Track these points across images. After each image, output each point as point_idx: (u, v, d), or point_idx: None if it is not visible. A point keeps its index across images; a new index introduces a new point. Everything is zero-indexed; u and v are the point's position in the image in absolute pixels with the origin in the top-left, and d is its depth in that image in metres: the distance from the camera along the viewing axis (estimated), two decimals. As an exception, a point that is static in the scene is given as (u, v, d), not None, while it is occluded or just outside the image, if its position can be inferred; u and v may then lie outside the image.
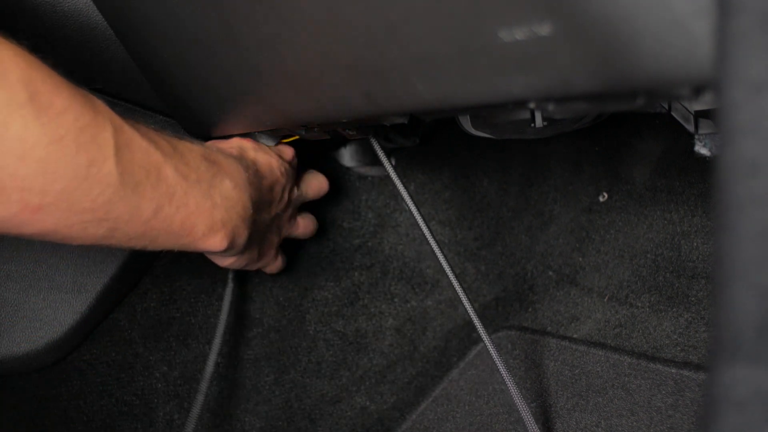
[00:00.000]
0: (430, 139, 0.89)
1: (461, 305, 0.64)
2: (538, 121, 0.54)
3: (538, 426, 0.71)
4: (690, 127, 0.53)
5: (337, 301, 0.89)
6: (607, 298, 0.79)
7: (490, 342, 0.63)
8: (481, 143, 0.83)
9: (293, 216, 0.75)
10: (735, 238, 0.26)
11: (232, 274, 0.76)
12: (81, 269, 0.75)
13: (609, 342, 0.74)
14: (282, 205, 0.70)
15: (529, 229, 0.88)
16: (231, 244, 0.59)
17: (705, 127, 0.52)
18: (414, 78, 0.46)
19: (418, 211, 0.65)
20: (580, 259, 0.83)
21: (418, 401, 0.83)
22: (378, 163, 0.67)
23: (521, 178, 0.89)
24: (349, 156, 0.86)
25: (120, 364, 0.80)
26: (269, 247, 0.72)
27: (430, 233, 0.65)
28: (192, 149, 0.57)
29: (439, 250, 0.65)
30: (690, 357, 0.68)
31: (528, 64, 0.39)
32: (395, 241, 0.91)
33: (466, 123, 0.66)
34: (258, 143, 0.68)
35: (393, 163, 0.82)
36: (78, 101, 0.46)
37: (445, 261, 0.65)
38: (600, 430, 0.68)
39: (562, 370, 0.73)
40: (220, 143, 0.67)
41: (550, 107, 0.41)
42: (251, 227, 0.62)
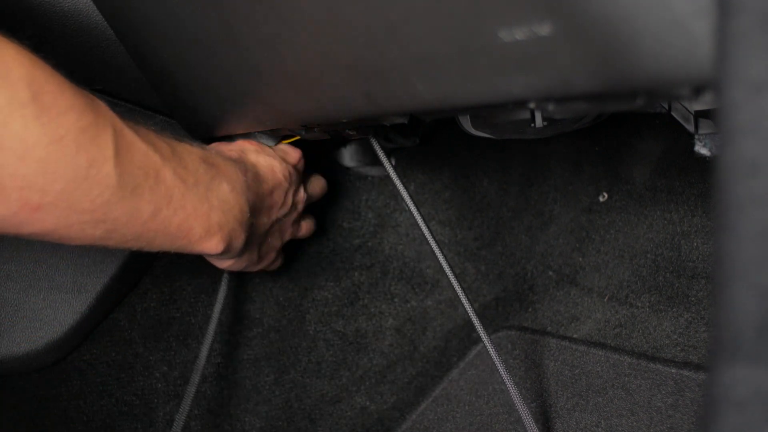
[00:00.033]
0: (430, 139, 0.89)
1: (461, 305, 0.64)
2: (538, 121, 0.54)
3: (538, 426, 0.71)
4: (690, 127, 0.53)
5: (337, 301, 0.89)
6: (607, 298, 0.79)
7: (490, 342, 0.63)
8: (481, 143, 0.83)
9: (297, 220, 0.75)
10: (735, 238, 0.26)
11: (226, 273, 0.76)
12: (81, 269, 0.75)
13: (609, 342, 0.74)
14: (285, 209, 0.70)
15: (529, 229, 0.88)
16: (228, 247, 0.59)
17: (705, 127, 0.52)
18: (414, 78, 0.46)
19: (418, 211, 0.65)
20: (580, 259, 0.83)
21: (418, 401, 0.83)
22: (378, 163, 0.67)
23: (521, 178, 0.89)
24: (349, 156, 0.86)
25: (120, 364, 0.80)
26: (270, 250, 0.72)
27: (430, 233, 0.65)
28: (191, 152, 0.56)
29: (438, 251, 0.65)
30: (690, 357, 0.68)
31: (528, 64, 0.39)
32: (395, 241, 0.91)
33: (466, 123, 0.66)
34: (261, 146, 0.68)
35: (393, 163, 0.82)
36: (80, 102, 0.46)
37: (445, 261, 0.65)
38: (600, 430, 0.68)
39: (562, 370, 0.73)
40: (221, 146, 0.67)
41: (550, 107, 0.41)
42: (249, 231, 0.62)
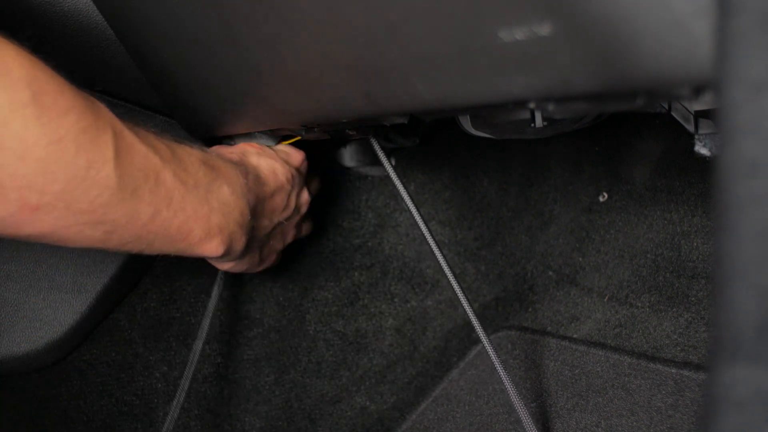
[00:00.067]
0: (430, 139, 0.89)
1: (461, 305, 0.64)
2: (538, 121, 0.54)
3: (539, 426, 0.71)
4: (690, 127, 0.53)
5: (337, 301, 0.89)
6: (607, 298, 0.79)
7: (489, 343, 0.63)
8: (481, 143, 0.83)
9: (300, 222, 0.74)
10: (735, 238, 0.26)
11: (221, 273, 0.76)
12: (81, 269, 0.75)
13: (609, 342, 0.74)
14: (288, 212, 0.69)
15: (529, 229, 0.88)
16: (227, 250, 0.59)
17: (705, 127, 0.52)
18: (414, 78, 0.46)
19: (417, 211, 0.65)
20: (580, 259, 0.83)
21: (418, 401, 0.83)
22: (378, 163, 0.67)
23: (521, 178, 0.89)
24: (349, 156, 0.86)
25: (120, 364, 0.80)
26: (272, 252, 0.72)
27: (429, 234, 0.65)
28: (191, 154, 0.56)
29: (438, 251, 0.65)
30: (690, 357, 0.68)
31: (528, 64, 0.39)
32: (395, 241, 0.91)
33: (466, 123, 0.66)
34: (263, 148, 0.68)
35: (393, 163, 0.82)
36: (80, 103, 0.46)
37: (445, 262, 0.65)
38: (600, 430, 0.68)
39: (562, 370, 0.73)
40: (222, 149, 0.66)
41: (550, 107, 0.41)
42: (249, 233, 0.62)
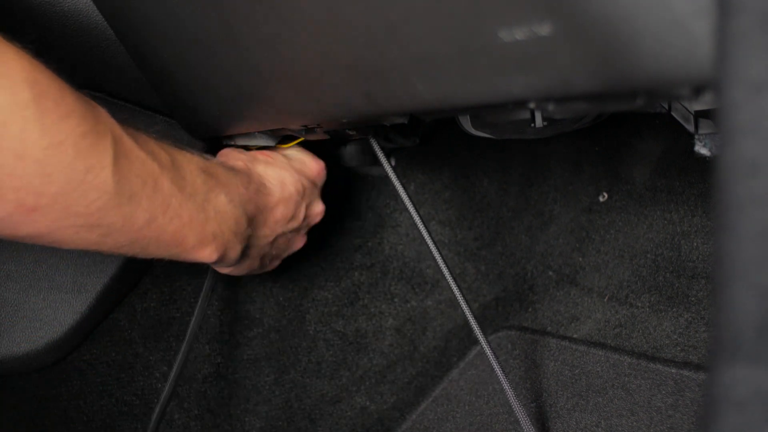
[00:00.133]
0: (430, 139, 0.89)
1: (461, 306, 0.64)
2: (538, 121, 0.54)
3: (539, 426, 0.71)
4: (690, 127, 0.53)
5: (337, 301, 0.89)
6: (607, 298, 0.79)
7: (487, 343, 0.63)
8: (481, 143, 0.83)
9: (305, 234, 0.73)
10: (735, 238, 0.26)
11: (212, 270, 0.75)
12: (81, 269, 0.75)
13: (609, 342, 0.74)
14: (296, 223, 0.68)
15: (529, 229, 0.88)
16: (222, 257, 0.59)
17: (705, 127, 0.52)
18: (414, 78, 0.46)
19: (417, 212, 0.65)
20: (580, 259, 0.83)
21: (418, 401, 0.83)
22: (378, 163, 0.67)
23: (521, 178, 0.89)
24: (349, 156, 0.86)
25: (120, 364, 0.80)
26: (274, 259, 0.71)
27: (429, 234, 0.65)
28: (191, 161, 0.56)
29: (437, 252, 0.65)
30: (690, 357, 0.68)
31: (528, 64, 0.39)
32: (395, 241, 0.91)
33: (466, 123, 0.66)
34: (274, 156, 0.67)
35: (393, 163, 0.82)
36: (80, 107, 0.46)
37: (443, 262, 0.64)
38: (600, 430, 0.68)
39: (562, 370, 0.73)
40: (232, 152, 0.66)
41: (550, 107, 0.41)
42: (246, 242, 0.61)
